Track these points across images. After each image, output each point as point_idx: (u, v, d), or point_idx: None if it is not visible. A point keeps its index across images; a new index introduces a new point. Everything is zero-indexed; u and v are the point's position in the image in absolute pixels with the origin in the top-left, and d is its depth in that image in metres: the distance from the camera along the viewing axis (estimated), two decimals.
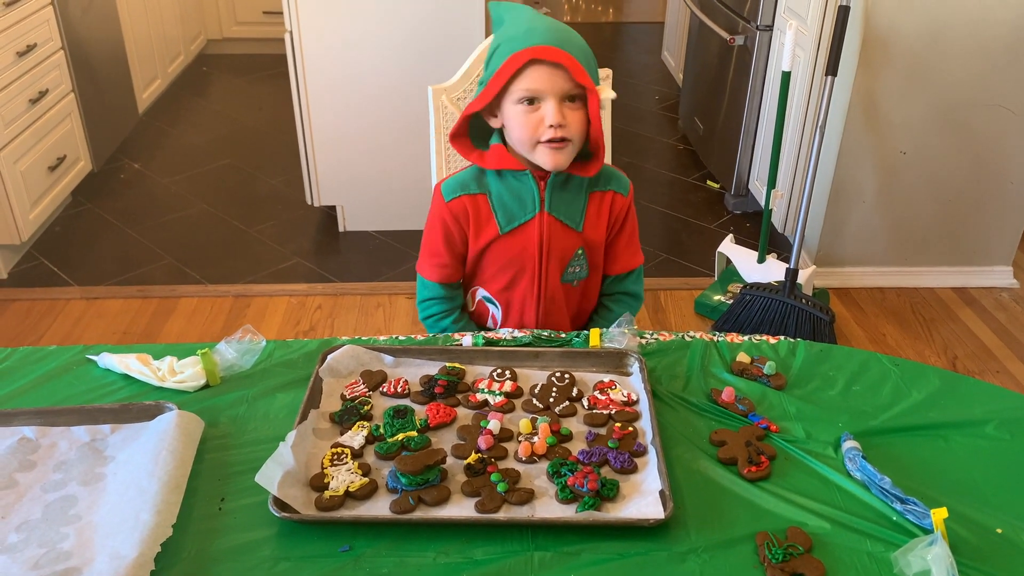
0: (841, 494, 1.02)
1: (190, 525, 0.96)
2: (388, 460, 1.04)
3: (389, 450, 1.05)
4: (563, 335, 1.30)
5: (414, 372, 1.22)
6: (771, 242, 2.82)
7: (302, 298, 2.76)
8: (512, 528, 0.96)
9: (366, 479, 1.01)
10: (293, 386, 1.19)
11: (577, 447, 1.08)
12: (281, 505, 0.96)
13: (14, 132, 2.79)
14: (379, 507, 0.98)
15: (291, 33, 2.79)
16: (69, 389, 1.19)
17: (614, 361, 1.24)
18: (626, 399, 1.16)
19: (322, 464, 1.03)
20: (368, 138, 2.97)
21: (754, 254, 2.68)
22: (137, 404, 1.13)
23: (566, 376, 1.20)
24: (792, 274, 2.42)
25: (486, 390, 1.17)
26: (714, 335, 1.32)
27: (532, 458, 1.05)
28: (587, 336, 1.29)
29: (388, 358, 1.24)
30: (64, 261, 2.94)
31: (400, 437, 1.07)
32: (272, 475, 0.97)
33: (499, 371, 1.21)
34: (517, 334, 1.30)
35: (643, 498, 0.99)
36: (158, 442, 1.03)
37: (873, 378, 1.23)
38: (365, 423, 1.10)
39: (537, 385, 1.19)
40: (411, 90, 2.77)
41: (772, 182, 2.57)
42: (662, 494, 0.98)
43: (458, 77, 1.65)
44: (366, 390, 1.18)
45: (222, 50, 4.95)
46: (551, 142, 1.29)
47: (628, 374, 1.23)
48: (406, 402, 1.16)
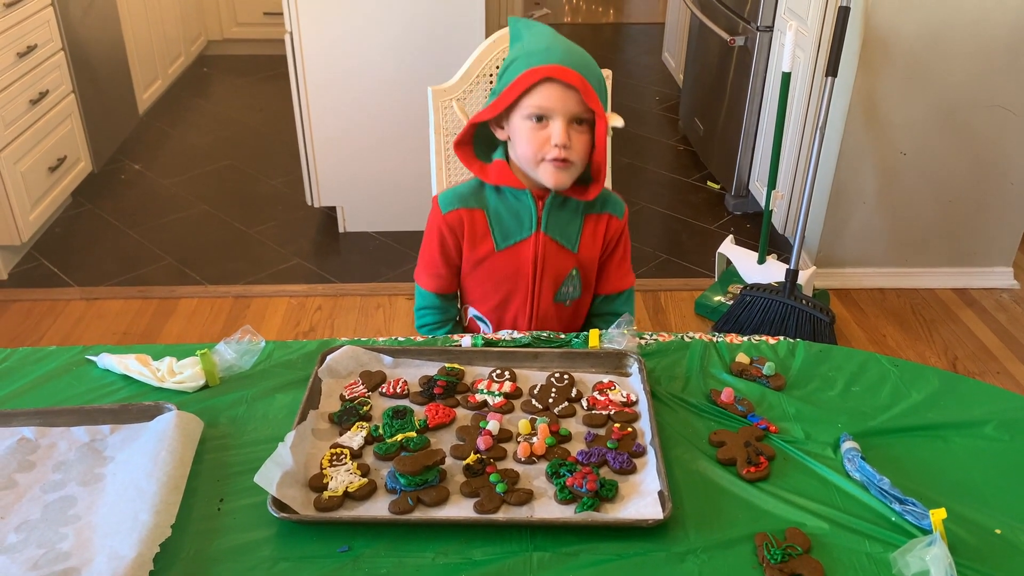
0: (840, 495, 1.02)
1: (189, 525, 0.96)
2: (387, 461, 1.04)
3: (388, 451, 1.05)
4: (562, 336, 1.30)
5: (413, 373, 1.22)
6: (771, 243, 2.82)
7: (302, 299, 2.76)
8: (511, 528, 0.96)
9: (365, 479, 1.01)
10: (292, 387, 1.19)
11: (576, 448, 1.08)
12: (280, 505, 0.96)
13: (14, 133, 2.79)
14: (378, 507, 0.98)
15: (291, 34, 2.79)
16: (68, 390, 1.19)
17: (613, 362, 1.24)
18: (625, 400, 1.16)
19: (321, 464, 1.03)
20: (368, 139, 2.97)
21: (754, 255, 2.68)
22: (136, 405, 1.13)
23: (565, 377, 1.20)
24: (792, 275, 2.42)
25: (485, 391, 1.18)
26: (713, 336, 1.32)
27: (531, 459, 1.05)
28: (586, 337, 1.29)
29: (387, 359, 1.24)
30: (64, 262, 2.94)
31: (399, 438, 1.07)
32: (271, 475, 0.97)
33: (498, 372, 1.21)
34: (516, 335, 1.31)
35: (642, 499, 0.99)
36: (157, 443, 1.03)
37: (872, 379, 1.23)
38: (364, 424, 1.11)
39: (536, 386, 1.19)
40: (411, 91, 2.77)
41: (772, 183, 2.57)
42: (661, 495, 0.98)
43: (458, 78, 1.65)
44: (365, 391, 1.18)
45: (222, 51, 4.96)
46: (555, 161, 1.29)
47: (627, 375, 1.23)
48: (405, 403, 1.16)
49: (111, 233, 3.14)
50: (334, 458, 1.04)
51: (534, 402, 1.16)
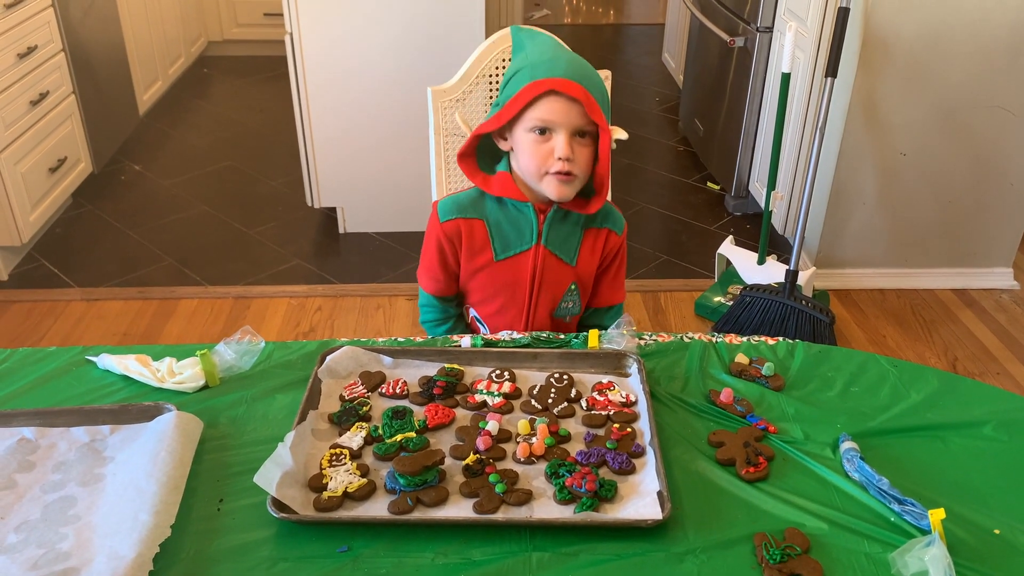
0: (839, 495, 1.02)
1: (189, 526, 0.96)
2: (386, 461, 1.04)
3: (388, 451, 1.05)
4: (562, 336, 1.31)
5: (413, 373, 1.22)
6: (771, 243, 2.82)
7: (302, 300, 2.76)
8: (510, 529, 0.96)
9: (364, 480, 1.01)
10: (292, 387, 1.19)
11: (575, 448, 1.08)
12: (279, 506, 0.96)
13: (15, 134, 2.79)
14: (377, 508, 0.98)
15: (291, 35, 2.79)
16: (68, 390, 1.19)
17: (612, 362, 1.24)
18: (624, 400, 1.16)
19: (320, 465, 1.03)
20: (368, 140, 2.98)
21: (754, 255, 2.68)
22: (136, 405, 1.13)
23: (565, 377, 1.20)
24: (792, 275, 2.42)
25: (485, 391, 1.18)
26: (713, 336, 1.32)
27: (530, 459, 1.06)
28: (586, 337, 1.29)
29: (387, 359, 1.24)
30: (65, 262, 2.95)
31: (399, 438, 1.07)
32: (271, 476, 0.97)
33: (498, 372, 1.21)
34: (515, 335, 1.31)
35: (641, 499, 0.99)
36: (157, 443, 1.03)
37: (871, 379, 1.23)
38: (364, 424, 1.11)
39: (536, 386, 1.19)
40: (411, 91, 2.77)
41: (772, 183, 2.57)
42: (660, 495, 0.98)
43: (457, 79, 1.65)
44: (365, 391, 1.18)
45: (223, 52, 4.96)
46: (558, 175, 1.29)
47: (627, 375, 1.23)
48: (405, 403, 1.16)
49: (111, 234, 3.14)
50: (333, 458, 1.04)
51: (533, 402, 1.16)
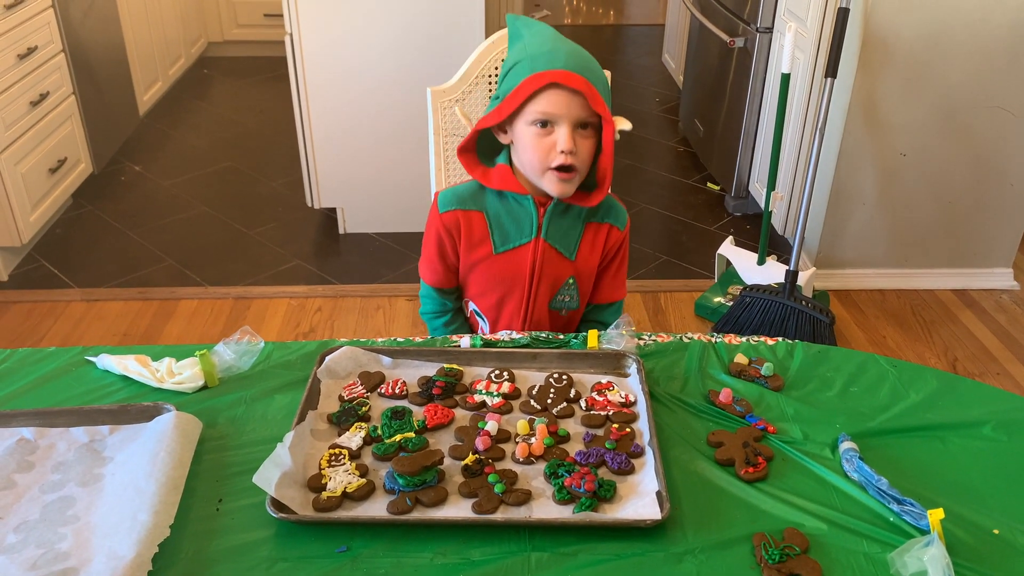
0: (838, 495, 1.02)
1: (188, 526, 0.96)
2: (386, 461, 1.04)
3: (387, 451, 1.05)
4: (561, 336, 1.31)
5: (412, 373, 1.22)
6: (771, 244, 2.82)
7: (302, 300, 2.76)
8: (509, 529, 0.96)
9: (363, 480, 1.01)
10: (291, 387, 1.19)
11: (574, 448, 1.08)
12: (278, 506, 0.96)
13: (15, 134, 2.79)
14: (376, 508, 0.98)
15: (291, 35, 2.79)
16: (68, 390, 1.19)
17: (612, 362, 1.24)
18: (624, 400, 1.16)
19: (320, 465, 1.04)
20: (368, 140, 2.98)
21: (754, 256, 2.68)
22: (135, 405, 1.13)
23: (564, 377, 1.20)
24: (792, 276, 2.42)
25: (484, 391, 1.18)
26: (712, 336, 1.32)
27: (529, 459, 1.06)
28: (585, 338, 1.29)
29: (386, 359, 1.24)
30: (65, 263, 2.95)
31: (398, 438, 1.07)
32: (270, 476, 0.97)
33: (497, 372, 1.21)
34: (515, 335, 1.31)
35: (640, 499, 0.99)
36: (156, 443, 1.03)
37: (871, 379, 1.23)
38: (363, 424, 1.11)
39: (535, 386, 1.19)
40: (410, 92, 2.77)
41: (772, 184, 2.57)
42: (659, 495, 0.98)
43: (456, 79, 1.65)
44: (364, 391, 1.18)
45: (223, 52, 4.96)
46: (560, 170, 1.28)
47: (626, 375, 1.23)
48: (404, 403, 1.16)
49: (111, 234, 3.14)
50: (333, 458, 1.04)
51: (533, 403, 1.16)
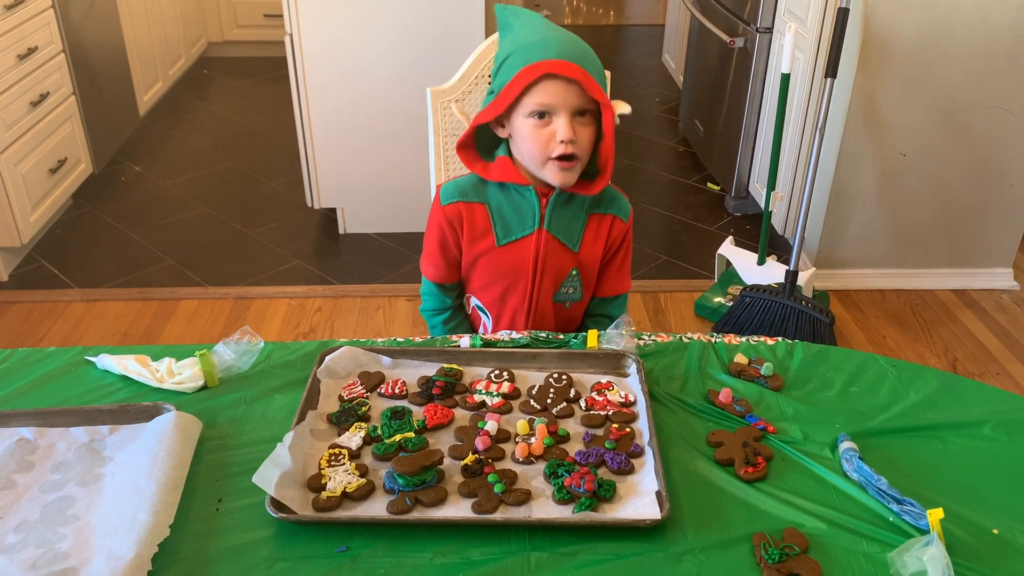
0: (838, 495, 1.02)
1: (187, 526, 0.96)
2: (385, 461, 1.05)
3: (386, 451, 1.05)
4: (561, 336, 1.30)
5: (412, 373, 1.22)
6: (771, 244, 2.82)
7: (302, 300, 2.76)
8: (509, 529, 0.96)
9: (363, 480, 1.01)
10: (291, 387, 1.19)
11: (574, 448, 1.08)
12: (278, 506, 0.96)
13: (15, 135, 2.79)
14: (376, 508, 0.98)
15: (291, 36, 2.79)
16: (68, 390, 1.19)
17: (611, 362, 1.24)
18: (623, 400, 1.16)
19: (319, 465, 1.04)
20: (368, 140, 2.98)
21: (754, 256, 2.68)
22: (135, 405, 1.13)
23: (564, 377, 1.20)
24: (792, 276, 2.42)
25: (484, 391, 1.18)
26: (712, 336, 1.32)
27: (529, 459, 1.06)
28: (585, 337, 1.29)
29: (386, 359, 1.24)
30: (65, 263, 2.95)
31: (398, 438, 1.07)
32: (269, 476, 0.97)
33: (497, 372, 1.21)
34: (515, 335, 1.31)
35: (640, 499, 0.99)
36: (156, 443, 1.03)
37: (870, 379, 1.23)
38: (363, 424, 1.11)
39: (535, 386, 1.19)
40: (410, 92, 2.77)
41: (772, 184, 2.57)
42: (659, 495, 0.98)
43: (456, 79, 1.65)
44: (364, 391, 1.18)
45: (223, 53, 4.96)
46: (561, 159, 1.27)
47: (626, 375, 1.23)
48: (404, 403, 1.16)
49: (111, 235, 3.14)
50: (332, 458, 1.04)
51: (532, 402, 1.16)
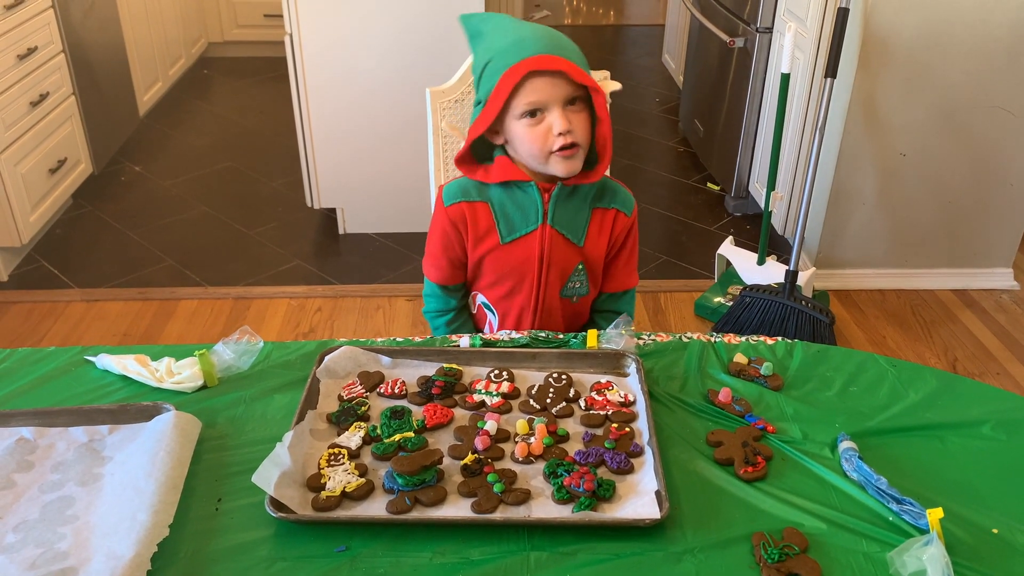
0: (837, 494, 1.02)
1: (187, 525, 0.96)
2: (385, 461, 1.04)
3: (386, 451, 1.05)
4: (560, 336, 1.30)
5: (411, 373, 1.22)
6: (771, 244, 2.82)
7: (302, 300, 2.76)
8: (508, 528, 0.96)
9: (363, 479, 1.01)
10: (290, 387, 1.19)
11: (574, 448, 1.08)
12: (278, 505, 0.96)
13: (15, 135, 2.79)
14: (376, 507, 0.98)
15: (291, 36, 2.79)
16: (67, 390, 1.19)
17: (611, 362, 1.24)
18: (623, 400, 1.16)
19: (319, 464, 1.03)
20: (368, 140, 2.98)
21: (754, 256, 2.68)
22: (135, 405, 1.13)
23: (563, 377, 1.20)
24: (792, 276, 2.42)
25: (483, 391, 1.18)
26: (711, 336, 1.32)
27: (529, 459, 1.06)
28: (584, 337, 1.29)
29: (385, 359, 1.24)
30: (64, 263, 2.95)
31: (397, 438, 1.07)
32: (269, 475, 0.97)
33: (496, 372, 1.21)
34: (514, 335, 1.31)
35: (639, 498, 0.99)
36: (155, 443, 1.03)
37: (870, 379, 1.23)
38: (362, 424, 1.11)
39: (534, 386, 1.19)
40: (410, 92, 2.77)
41: (772, 184, 2.57)
42: (658, 494, 0.98)
43: (456, 79, 1.65)
44: (363, 391, 1.18)
45: (223, 53, 4.96)
46: (562, 150, 1.27)
47: (625, 375, 1.23)
48: (403, 403, 1.16)
49: (111, 235, 3.14)
50: (332, 458, 1.04)
51: (532, 402, 1.16)
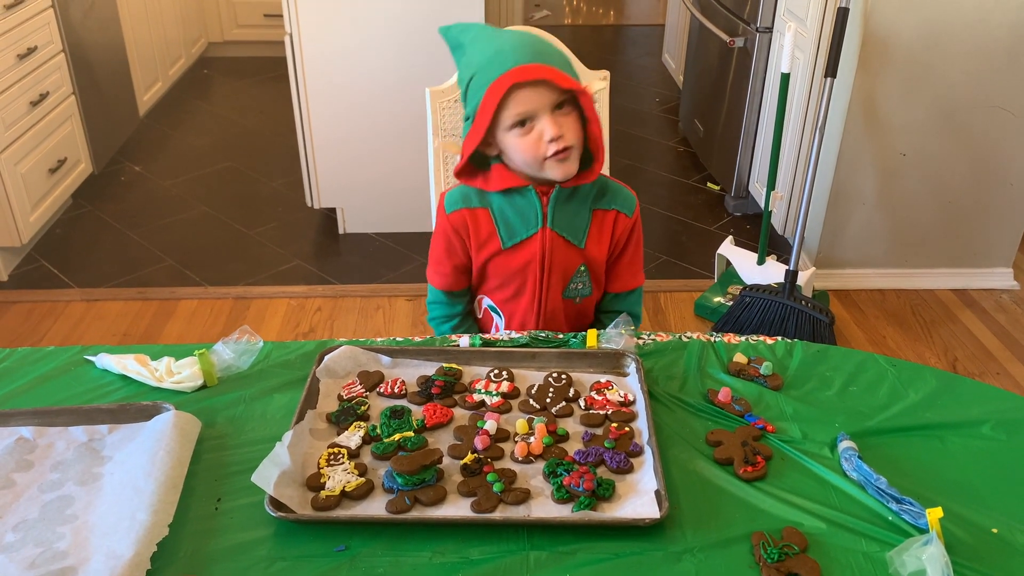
0: (837, 494, 1.02)
1: (186, 525, 0.96)
2: (384, 460, 1.04)
3: (385, 450, 1.05)
4: (560, 336, 1.30)
5: (411, 373, 1.22)
6: (771, 244, 2.82)
7: (302, 300, 2.76)
8: (508, 528, 0.96)
9: (362, 479, 1.01)
10: (290, 387, 1.19)
11: (573, 447, 1.08)
12: (277, 505, 0.96)
13: (15, 134, 2.79)
14: (375, 507, 0.98)
15: (291, 36, 2.79)
16: (67, 390, 1.19)
17: (611, 362, 1.24)
18: (623, 399, 1.16)
19: (318, 464, 1.04)
20: (368, 140, 2.98)
21: (754, 256, 2.68)
22: (134, 404, 1.13)
23: (563, 377, 1.20)
24: (792, 276, 2.42)
25: (483, 391, 1.18)
26: (711, 336, 1.32)
27: (528, 458, 1.06)
28: (584, 337, 1.29)
29: (385, 359, 1.24)
30: (64, 263, 2.95)
31: (397, 437, 1.07)
32: (268, 475, 0.97)
33: (496, 372, 1.21)
34: (514, 335, 1.31)
35: (639, 498, 0.99)
36: (155, 442, 1.03)
37: (870, 379, 1.22)
38: (362, 423, 1.11)
39: (534, 386, 1.19)
40: (410, 92, 2.76)
41: (772, 184, 2.57)
42: (658, 494, 0.98)
43: (456, 79, 1.65)
44: (363, 391, 1.18)
45: (223, 53, 4.96)
46: (556, 155, 1.27)
47: (625, 375, 1.23)
48: (403, 402, 1.16)
49: (111, 234, 3.14)
50: (331, 458, 1.04)
51: (532, 402, 1.16)
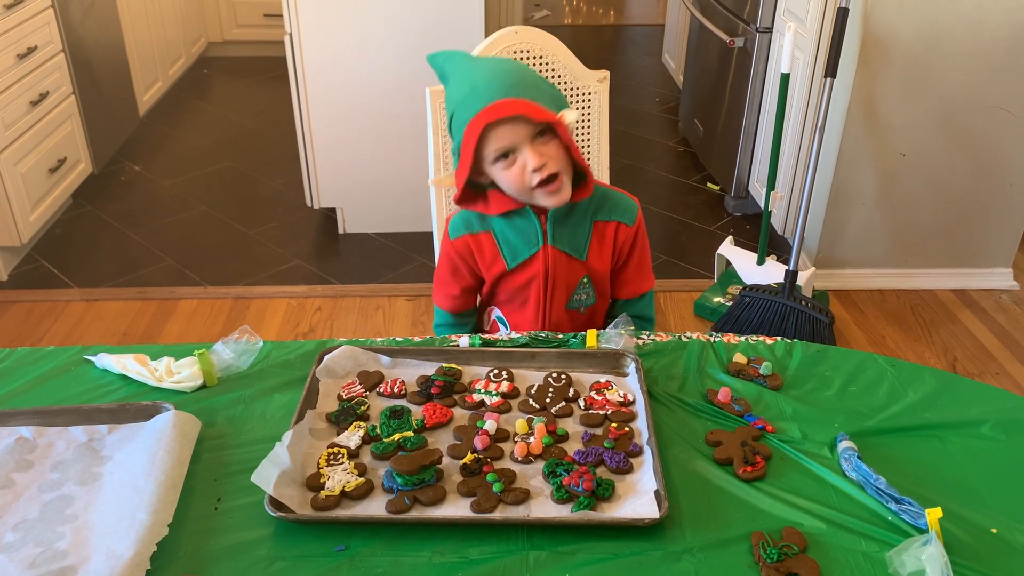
0: (836, 494, 1.02)
1: (186, 525, 0.96)
2: (384, 460, 1.05)
3: (385, 450, 1.05)
4: (560, 336, 1.31)
5: (411, 373, 1.22)
6: (771, 244, 2.83)
7: (302, 300, 2.76)
8: (508, 528, 0.96)
9: (362, 479, 1.01)
10: (290, 387, 1.19)
11: (573, 447, 1.08)
12: (277, 505, 0.96)
13: (15, 134, 2.80)
14: (375, 507, 0.98)
15: (291, 35, 2.80)
16: (67, 389, 1.19)
17: (611, 362, 1.24)
18: (622, 399, 1.16)
19: (318, 464, 1.04)
20: (368, 140, 2.98)
21: (754, 256, 2.68)
22: (134, 404, 1.13)
23: (563, 377, 1.20)
24: (792, 276, 2.42)
25: (483, 390, 1.18)
26: (711, 336, 1.32)
27: (528, 458, 1.06)
28: (584, 337, 1.29)
29: (385, 359, 1.24)
30: (64, 263, 2.95)
31: (396, 437, 1.07)
32: (268, 475, 0.97)
33: (496, 372, 1.21)
34: (514, 335, 1.31)
35: (638, 498, 0.99)
36: (155, 442, 1.04)
37: (869, 379, 1.23)
38: (361, 423, 1.11)
39: (534, 386, 1.19)
40: (410, 92, 2.76)
41: (772, 184, 2.57)
42: (657, 494, 0.98)
43: None
44: (363, 390, 1.18)
45: (223, 52, 4.96)
46: (544, 184, 1.28)
47: (624, 375, 1.23)
48: (403, 402, 1.16)
49: (111, 234, 3.14)
50: (331, 457, 1.04)
51: (531, 402, 1.16)
